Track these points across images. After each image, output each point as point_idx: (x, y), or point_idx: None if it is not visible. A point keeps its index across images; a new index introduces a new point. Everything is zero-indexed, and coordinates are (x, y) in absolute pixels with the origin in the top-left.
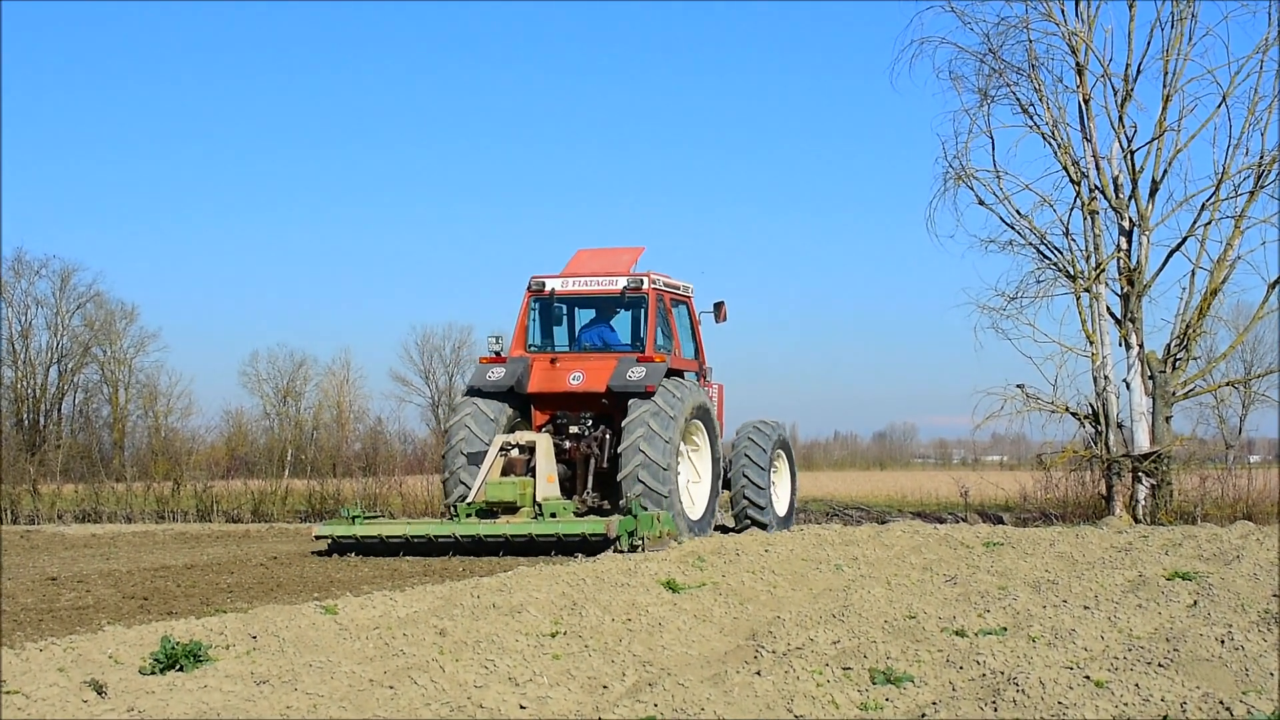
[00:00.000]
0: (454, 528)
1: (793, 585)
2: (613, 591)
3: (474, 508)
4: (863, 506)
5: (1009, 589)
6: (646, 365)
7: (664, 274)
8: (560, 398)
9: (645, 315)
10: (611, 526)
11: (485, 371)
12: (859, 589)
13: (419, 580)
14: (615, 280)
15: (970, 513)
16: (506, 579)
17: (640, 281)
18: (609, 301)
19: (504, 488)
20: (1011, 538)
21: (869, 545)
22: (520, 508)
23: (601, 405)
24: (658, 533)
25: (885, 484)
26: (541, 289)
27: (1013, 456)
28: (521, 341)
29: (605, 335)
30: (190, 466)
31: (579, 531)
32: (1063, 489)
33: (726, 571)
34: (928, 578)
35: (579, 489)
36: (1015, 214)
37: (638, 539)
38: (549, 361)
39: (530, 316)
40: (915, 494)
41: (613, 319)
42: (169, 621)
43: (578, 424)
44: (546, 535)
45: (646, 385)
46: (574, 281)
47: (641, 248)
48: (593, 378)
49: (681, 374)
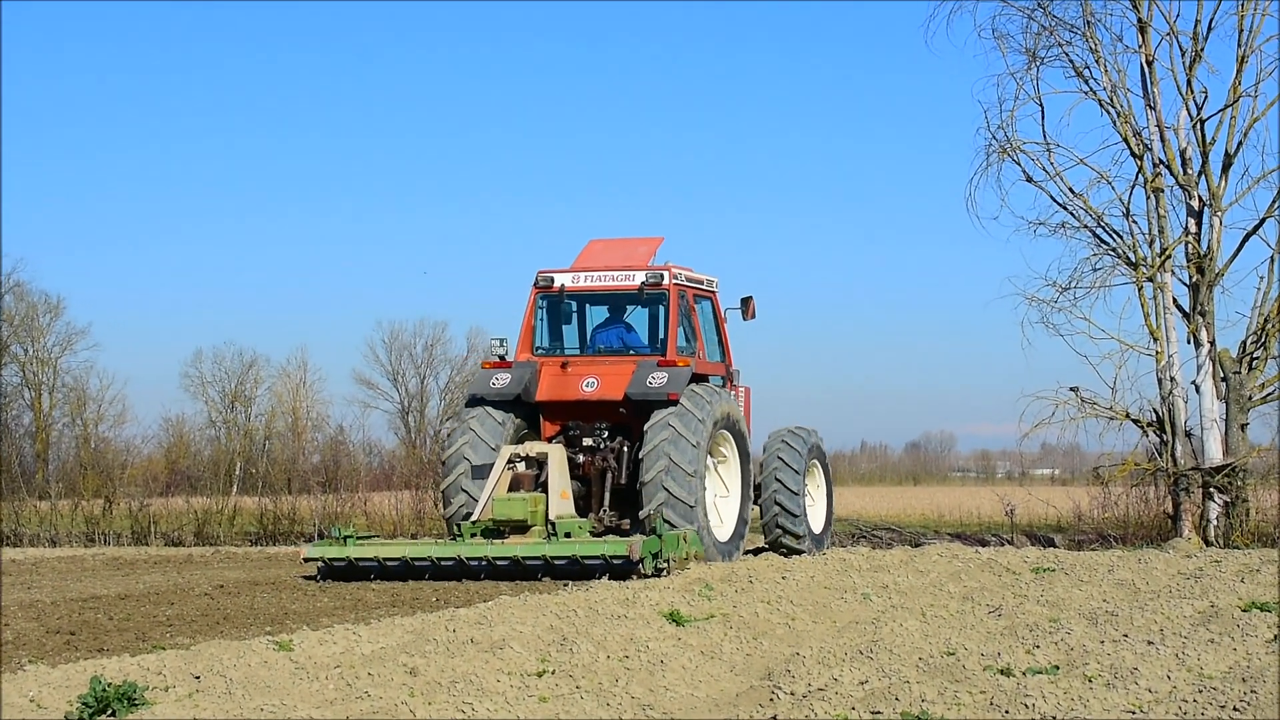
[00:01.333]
0: (458, 549)
1: (814, 617)
2: (608, 624)
3: (478, 526)
4: (894, 527)
5: (1061, 621)
6: (669, 370)
7: (686, 267)
8: (572, 406)
9: (666, 313)
10: (634, 548)
11: (489, 378)
12: (890, 621)
13: (386, 611)
14: (632, 274)
15: (1017, 534)
16: (486, 610)
17: (660, 276)
18: (625, 298)
19: (513, 504)
20: (1064, 563)
21: (901, 571)
22: (531, 527)
23: (619, 415)
24: (684, 554)
25: (919, 501)
26: (550, 285)
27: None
28: (528, 344)
29: (622, 336)
30: (124, 482)
31: (598, 553)
32: (1123, 507)
33: (738, 601)
34: (968, 608)
35: (594, 507)
36: (1068, 192)
37: (662, 561)
38: (559, 366)
39: (537, 316)
40: (954, 512)
41: (630, 318)
42: (99, 660)
43: (592, 435)
44: (562, 557)
45: (669, 393)
46: (586, 276)
47: (660, 238)
48: (609, 384)
49: (706, 379)
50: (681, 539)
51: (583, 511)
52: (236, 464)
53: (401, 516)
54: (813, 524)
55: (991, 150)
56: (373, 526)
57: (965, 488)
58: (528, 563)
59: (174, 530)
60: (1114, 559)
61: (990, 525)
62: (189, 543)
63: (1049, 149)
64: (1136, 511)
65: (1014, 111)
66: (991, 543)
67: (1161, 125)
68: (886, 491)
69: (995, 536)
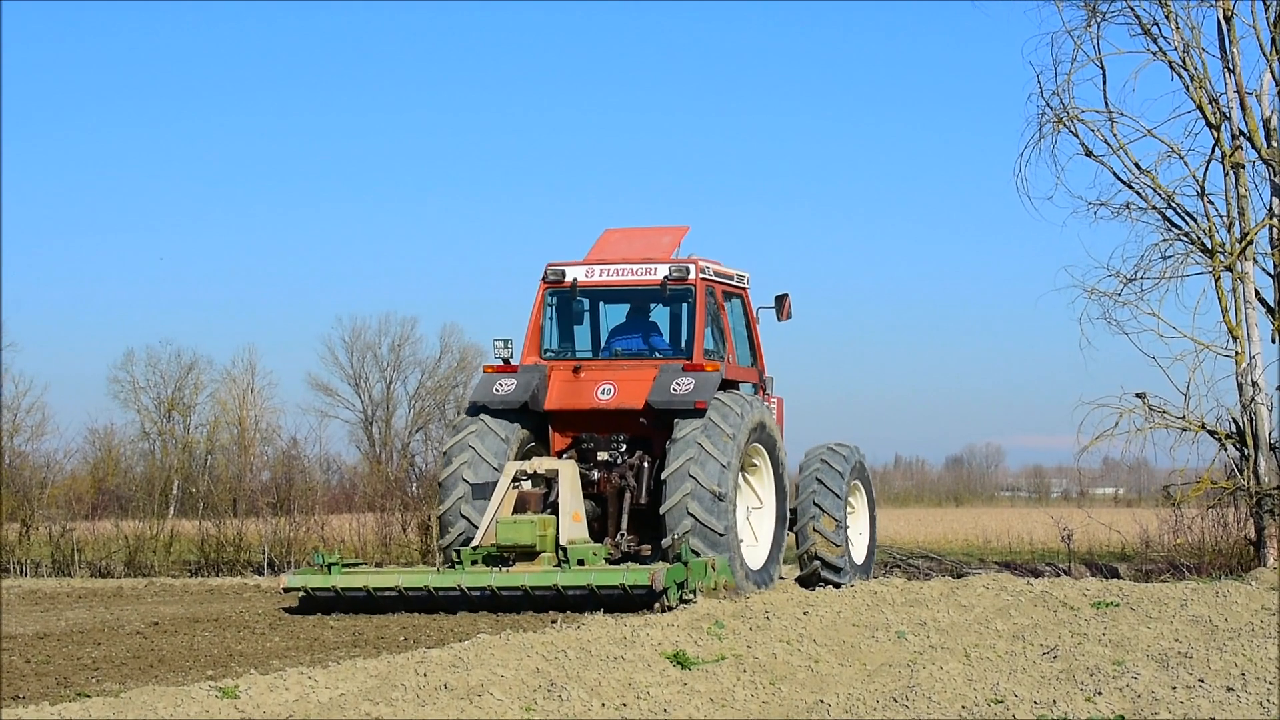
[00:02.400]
0: (458, 577)
1: (840, 659)
2: (602, 667)
3: (480, 553)
4: (933, 554)
5: (1127, 664)
6: (695, 375)
7: (713, 260)
8: (586, 416)
9: (692, 312)
10: (657, 577)
11: (491, 383)
12: (928, 664)
13: (346, 651)
14: (654, 268)
15: (1075, 563)
16: (462, 650)
17: (686, 270)
18: (646, 294)
19: (520, 528)
20: (1130, 596)
21: (941, 606)
22: (540, 553)
23: (638, 426)
24: (712, 584)
25: (962, 525)
26: (560, 279)
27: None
28: (535, 346)
29: (642, 337)
30: (44, 504)
31: (616, 583)
32: (1197, 531)
33: (753, 640)
34: (1019, 649)
35: (610, 530)
36: (1134, 168)
37: (689, 592)
38: (571, 371)
39: (546, 314)
40: (1002, 538)
41: (651, 317)
42: (14, 710)
43: (608, 449)
44: (576, 588)
45: (696, 401)
46: (602, 270)
47: (685, 227)
48: (627, 391)
49: (736, 385)
50: (710, 567)
51: (597, 535)
52: (174, 482)
53: (365, 543)
54: (855, 554)
55: (1045, 120)
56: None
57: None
58: (537, 593)
59: (101, 559)
60: (1187, 592)
61: (1044, 553)
62: (119, 573)
63: (1111, 118)
64: (1213, 537)
65: (1071, 75)
66: (1045, 573)
67: (1242, 90)
68: (924, 514)
69: (1050, 566)
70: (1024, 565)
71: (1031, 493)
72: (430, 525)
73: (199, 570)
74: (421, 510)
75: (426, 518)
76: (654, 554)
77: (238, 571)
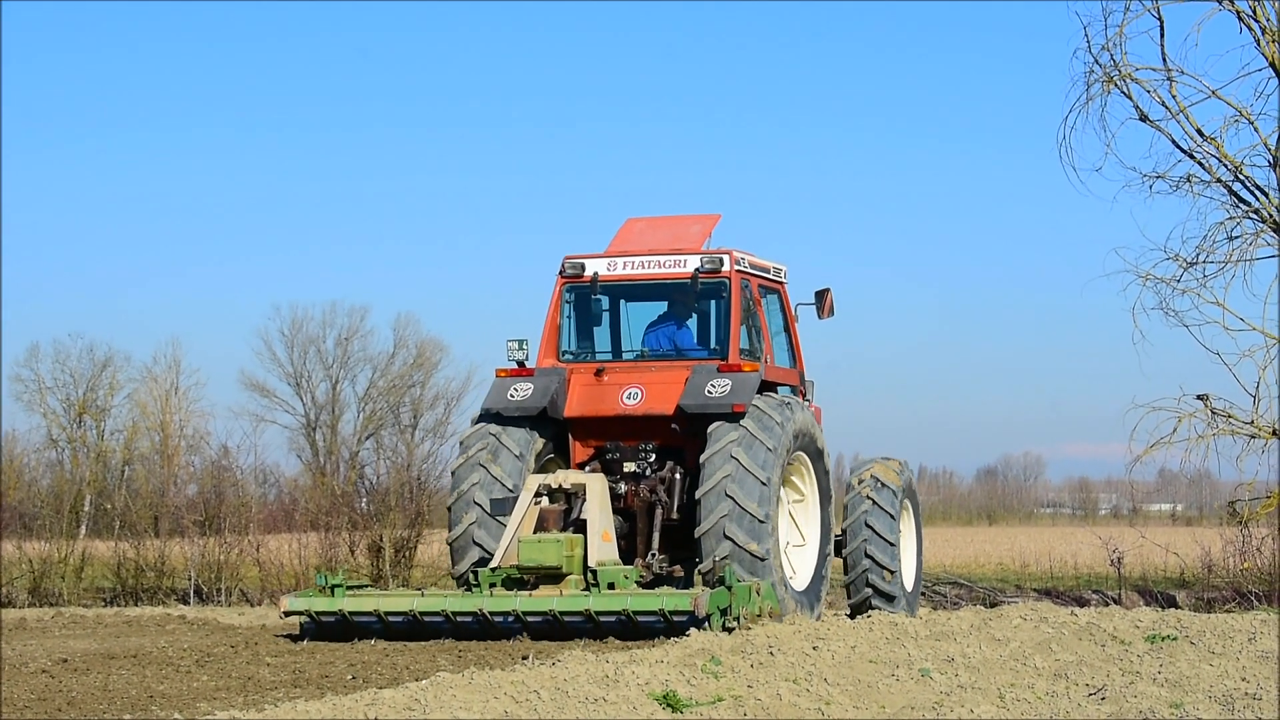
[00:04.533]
0: (479, 601)
1: (855, 702)
2: (581, 710)
3: (500, 575)
4: (962, 580)
5: (1186, 708)
6: (732, 376)
7: (748, 252)
8: (610, 424)
9: (727, 308)
10: (700, 602)
11: (506, 388)
12: (957, 707)
13: (285, 692)
14: (684, 260)
15: (1126, 590)
16: (419, 691)
17: (719, 261)
18: (675, 289)
19: (545, 548)
20: (1190, 629)
21: (971, 640)
22: (566, 575)
23: (669, 433)
24: (756, 610)
25: (996, 546)
26: (580, 273)
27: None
28: (553, 347)
29: (671, 336)
30: None
31: (655, 608)
32: (1267, 554)
33: (754, 679)
34: (1061, 689)
35: (640, 549)
36: (1195, 135)
37: (732, 619)
38: (593, 374)
39: (564, 312)
40: (1041, 561)
41: (681, 314)
42: None
43: (635, 460)
44: (609, 613)
45: (734, 404)
46: (625, 263)
47: (716, 215)
48: (656, 395)
49: (774, 388)
50: (754, 591)
51: (625, 554)
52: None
53: (307, 567)
54: (906, 580)
55: (1094, 79)
56: (268, 580)
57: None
58: (567, 619)
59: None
60: (1256, 623)
61: (1090, 578)
62: (21, 602)
63: (1170, 77)
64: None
65: (1124, 27)
66: (1092, 602)
67: None
68: (953, 533)
69: (1097, 593)
70: (1067, 593)
71: (1076, 509)
72: (383, 547)
73: (115, 599)
74: (372, 530)
75: (378, 538)
76: (687, 575)
77: (159, 600)
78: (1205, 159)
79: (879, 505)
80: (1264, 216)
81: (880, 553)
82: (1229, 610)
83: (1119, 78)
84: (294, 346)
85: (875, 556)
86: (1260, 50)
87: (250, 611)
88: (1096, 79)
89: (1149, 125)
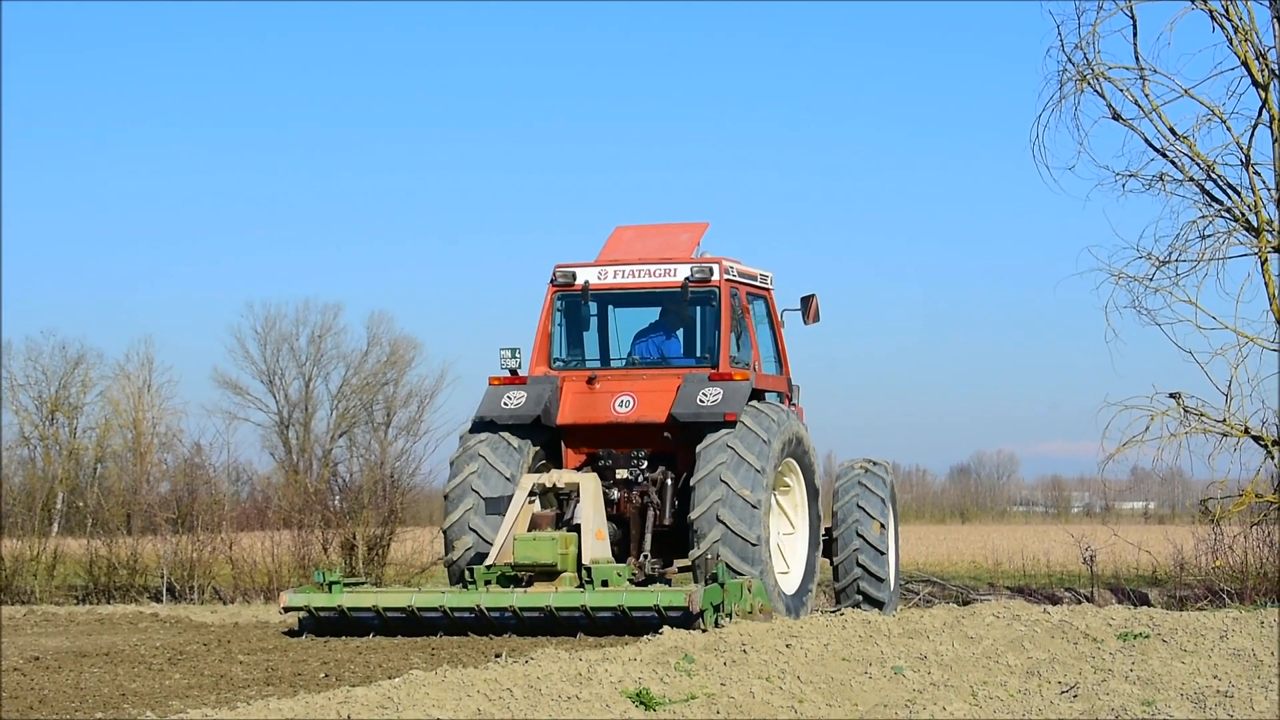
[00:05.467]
0: (476, 598)
1: (828, 699)
2: (554, 708)
3: (495, 572)
4: (935, 578)
5: (1158, 705)
6: (723, 385)
7: (736, 260)
8: (603, 431)
9: (717, 316)
10: (694, 598)
11: (499, 396)
12: (929, 704)
13: (257, 690)
14: (674, 269)
15: (1098, 588)
16: (392, 690)
17: (710, 270)
18: (665, 298)
19: (540, 545)
20: (1162, 627)
21: (944, 638)
22: (560, 572)
23: (661, 441)
24: (748, 607)
25: (969, 544)
26: (571, 282)
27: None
28: (544, 355)
29: (661, 345)
30: None
31: (650, 604)
32: (1239, 552)
33: (727, 677)
34: (1034, 687)
35: (633, 551)
36: (1168, 133)
37: (724, 615)
38: (585, 382)
39: (555, 320)
40: (1014, 559)
41: (671, 322)
42: None
43: (627, 466)
44: (604, 609)
45: (726, 413)
46: (616, 271)
47: (704, 224)
48: (648, 403)
49: (763, 396)
50: (745, 588)
51: (617, 558)
52: (57, 495)
53: (280, 565)
54: (890, 579)
55: (1067, 77)
56: (241, 578)
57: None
58: (563, 615)
59: None
60: (1228, 622)
61: (1063, 576)
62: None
63: (1143, 76)
64: (1258, 558)
65: (1097, 25)
66: (1065, 600)
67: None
68: (925, 531)
69: (1069, 591)
70: (1040, 591)
71: (1049, 507)
72: (356, 545)
73: (87, 596)
74: (345, 527)
75: (351, 536)
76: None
77: (132, 598)
78: (1178, 158)
79: (868, 513)
80: (1236, 215)
81: (872, 562)
82: (1201, 608)
83: (1092, 76)
84: (267, 344)
85: (866, 566)
86: (1233, 49)
87: (223, 609)
88: (1069, 77)
89: (1122, 124)
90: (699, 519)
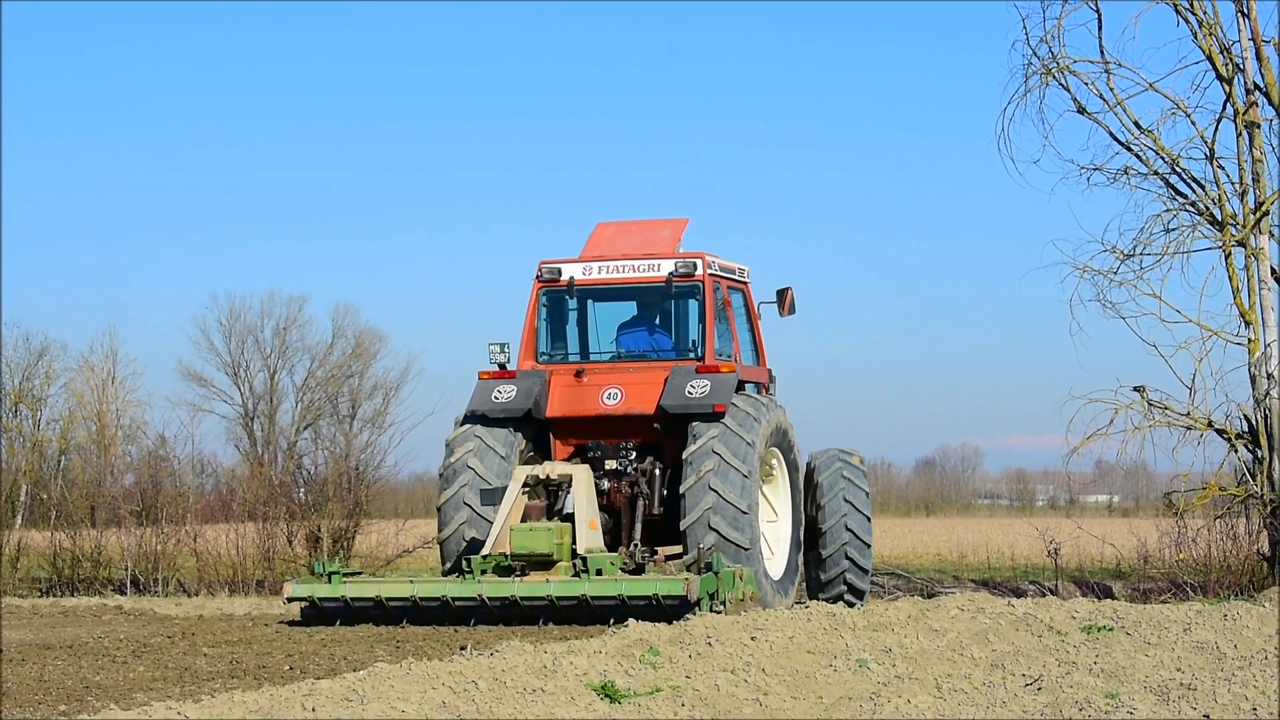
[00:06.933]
0: (477, 587)
1: (793, 692)
2: (519, 701)
3: (490, 562)
4: (899, 571)
5: (1121, 698)
6: (710, 377)
7: (716, 254)
8: (592, 423)
9: (701, 310)
10: (692, 586)
11: (490, 391)
12: (893, 697)
13: (221, 683)
14: (657, 264)
15: (1063, 581)
16: (357, 682)
17: (693, 265)
18: (649, 293)
19: (536, 536)
20: (1126, 619)
21: (909, 630)
22: (556, 562)
23: (649, 432)
24: (740, 595)
25: (933, 537)
26: (556, 278)
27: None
28: (532, 349)
29: (647, 338)
30: None
31: (648, 593)
32: (1203, 545)
33: (692, 670)
34: (998, 680)
35: (624, 541)
36: (1133, 127)
37: (719, 603)
38: (572, 375)
39: (540, 315)
40: (979, 552)
41: (653, 316)
42: None
43: (616, 457)
44: (604, 598)
45: (715, 404)
46: (600, 267)
47: (684, 219)
48: (636, 396)
49: (744, 387)
50: (737, 577)
51: (609, 547)
52: (21, 487)
53: (245, 557)
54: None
55: (1032, 71)
56: (205, 570)
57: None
58: (562, 604)
59: None
60: (1191, 614)
61: (1027, 569)
62: None
63: (1108, 69)
64: (1221, 551)
65: (1062, 19)
66: (1029, 592)
67: (1258, 38)
68: (890, 524)
69: (1034, 584)
70: (1004, 584)
71: (1014, 500)
72: (320, 538)
73: (51, 589)
74: (310, 520)
75: (315, 528)
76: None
77: (96, 591)
78: (1143, 151)
79: (855, 507)
80: (1201, 209)
81: (859, 556)
82: (1165, 601)
83: (1057, 70)
84: (232, 336)
85: (854, 560)
86: (1197, 43)
87: (187, 602)
88: (1035, 71)
89: (1087, 117)
90: (692, 526)
